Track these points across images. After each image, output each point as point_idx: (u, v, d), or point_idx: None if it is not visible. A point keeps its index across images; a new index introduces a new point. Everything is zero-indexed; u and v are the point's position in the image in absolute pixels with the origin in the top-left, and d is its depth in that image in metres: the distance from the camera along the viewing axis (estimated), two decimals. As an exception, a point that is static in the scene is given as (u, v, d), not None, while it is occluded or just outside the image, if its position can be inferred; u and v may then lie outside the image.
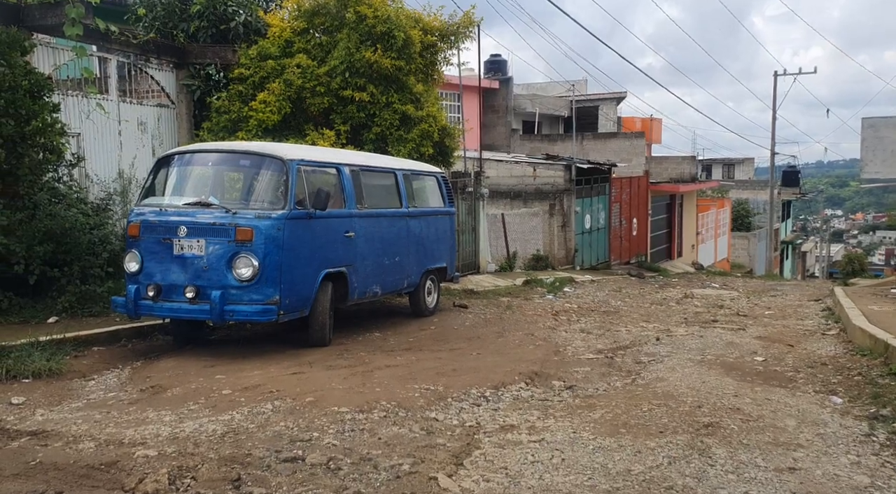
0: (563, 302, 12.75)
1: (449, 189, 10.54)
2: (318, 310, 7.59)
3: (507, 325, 9.50)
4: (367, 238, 8.39)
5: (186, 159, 7.72)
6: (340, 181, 8.08)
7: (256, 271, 6.96)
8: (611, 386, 6.36)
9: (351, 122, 11.81)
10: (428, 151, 11.98)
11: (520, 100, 26.12)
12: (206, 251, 7.02)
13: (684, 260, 27.46)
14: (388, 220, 8.89)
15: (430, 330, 8.99)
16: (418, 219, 9.53)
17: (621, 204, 22.62)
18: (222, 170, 7.71)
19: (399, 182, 9.23)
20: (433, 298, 10.10)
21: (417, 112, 12.00)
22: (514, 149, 24.82)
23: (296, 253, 7.26)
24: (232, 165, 7.73)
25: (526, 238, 19.13)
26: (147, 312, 7.21)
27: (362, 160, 8.80)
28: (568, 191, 20.04)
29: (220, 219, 7.06)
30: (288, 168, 7.29)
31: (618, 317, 10.72)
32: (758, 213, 39.00)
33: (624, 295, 14.89)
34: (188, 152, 7.79)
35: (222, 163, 7.69)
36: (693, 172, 27.84)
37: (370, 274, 8.48)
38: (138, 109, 11.24)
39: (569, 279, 16.90)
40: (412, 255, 9.36)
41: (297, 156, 7.48)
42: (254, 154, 7.58)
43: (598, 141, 25.23)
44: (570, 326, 9.77)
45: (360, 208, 8.31)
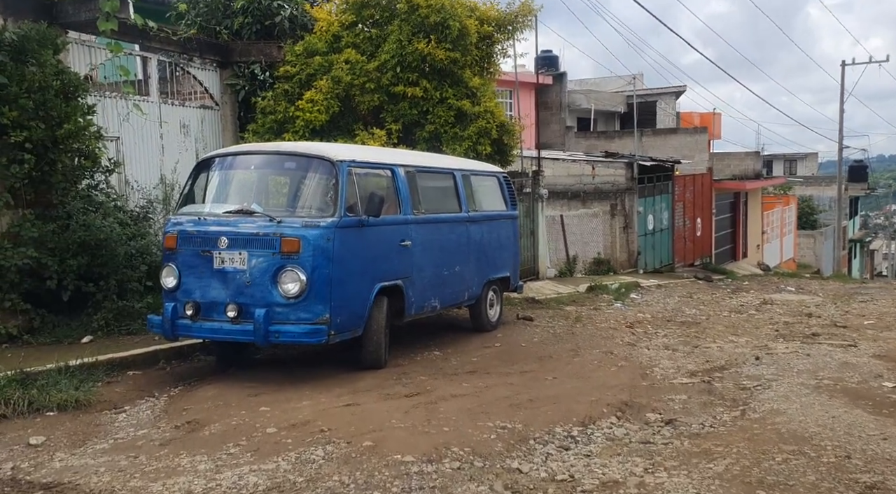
0: (634, 311, 11.70)
1: (511, 190, 9.62)
2: (373, 329, 6.76)
3: (580, 341, 8.53)
4: (424, 246, 7.52)
5: (227, 162, 6.96)
6: (395, 184, 7.23)
7: (304, 286, 6.16)
8: (718, 421, 5.36)
9: (402, 121, 10.98)
10: (485, 150, 11.07)
11: (574, 96, 25.03)
12: (248, 264, 6.25)
13: (749, 261, 25.96)
14: (446, 227, 8.01)
15: (495, 349, 8.08)
16: (479, 224, 8.63)
17: (684, 203, 21.34)
18: (266, 174, 6.94)
19: (458, 184, 8.35)
20: (496, 311, 9.18)
21: (474, 107, 11.10)
22: (569, 148, 23.73)
23: (347, 265, 6.44)
24: (276, 168, 6.95)
25: (585, 240, 18.08)
26: (185, 333, 6.47)
27: (418, 160, 7.94)
28: (630, 191, 18.91)
29: (263, 228, 6.28)
30: (337, 170, 6.47)
31: (700, 330, 9.65)
32: (823, 211, 37.02)
33: (696, 301, 13.77)
34: (229, 155, 7.04)
35: (266, 166, 6.91)
36: (757, 169, 26.31)
37: (428, 287, 7.61)
38: (180, 111, 10.60)
39: (634, 284, 15.81)
40: (473, 264, 8.46)
41: (347, 157, 6.66)
42: (300, 155, 6.78)
43: (657, 137, 23.96)
44: (651, 341, 8.74)
45: (417, 213, 7.46)
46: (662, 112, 26.80)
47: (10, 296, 7.26)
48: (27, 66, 7.46)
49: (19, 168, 7.29)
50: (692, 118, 29.91)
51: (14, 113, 7.21)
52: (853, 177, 37.75)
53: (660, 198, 20.18)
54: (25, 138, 7.27)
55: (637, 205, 19.03)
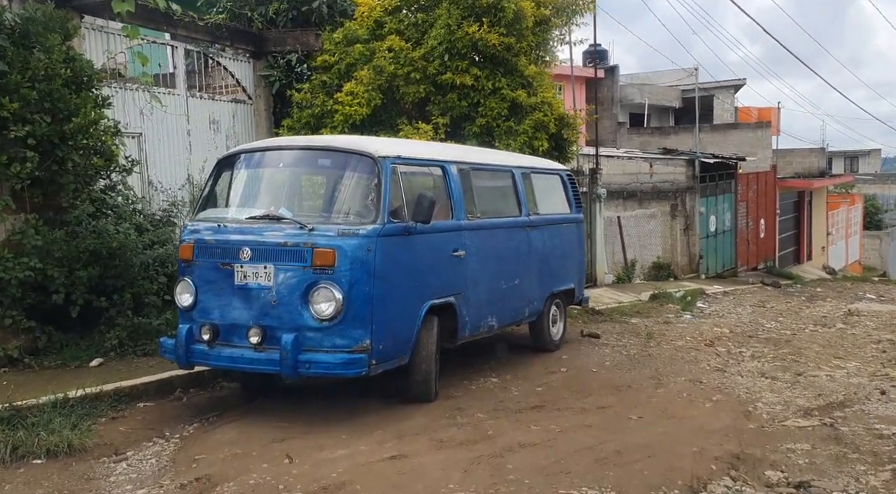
0: (708, 324, 10.40)
1: (576, 190, 8.43)
2: (422, 356, 5.66)
3: (659, 365, 7.31)
4: (479, 256, 6.40)
5: (253, 159, 5.92)
6: (446, 183, 6.12)
7: (340, 307, 5.09)
8: (865, 486, 4.13)
9: (451, 114, 9.86)
10: (542, 146, 9.90)
11: (626, 90, 23.63)
12: (274, 280, 5.20)
13: (814, 265, 24.25)
14: (504, 233, 6.88)
15: (562, 374, 6.92)
16: (541, 229, 7.47)
17: (748, 202, 19.82)
18: (297, 173, 5.89)
19: (517, 183, 7.20)
20: (559, 328, 8.01)
21: (530, 99, 9.94)
22: (621, 144, 22.36)
23: (391, 280, 5.35)
24: (309, 166, 5.88)
25: (642, 243, 16.75)
26: (201, 360, 5.46)
27: (471, 156, 6.81)
28: (691, 190, 17.50)
29: (292, 237, 5.23)
30: (380, 168, 5.39)
31: (794, 350, 8.34)
32: (888, 210, 34.83)
33: (772, 312, 12.40)
34: (255, 151, 6.00)
35: (297, 164, 5.85)
36: (822, 166, 24.57)
37: (484, 303, 6.49)
38: (210, 105, 9.66)
39: (699, 291, 14.46)
40: (534, 276, 7.31)
41: (391, 153, 5.57)
42: (336, 150, 5.70)
43: (715, 133, 22.43)
44: (741, 365, 7.49)
45: (471, 218, 6.34)
46: (720, 107, 25.21)
47: (10, 313, 6.34)
48: (32, 52, 6.55)
49: (21, 167, 6.37)
50: (749, 113, 28.23)
51: (15, 105, 6.30)
52: (920, 175, 35.42)
53: (722, 198, 18.72)
54: (28, 133, 6.35)
55: (699, 205, 17.61)
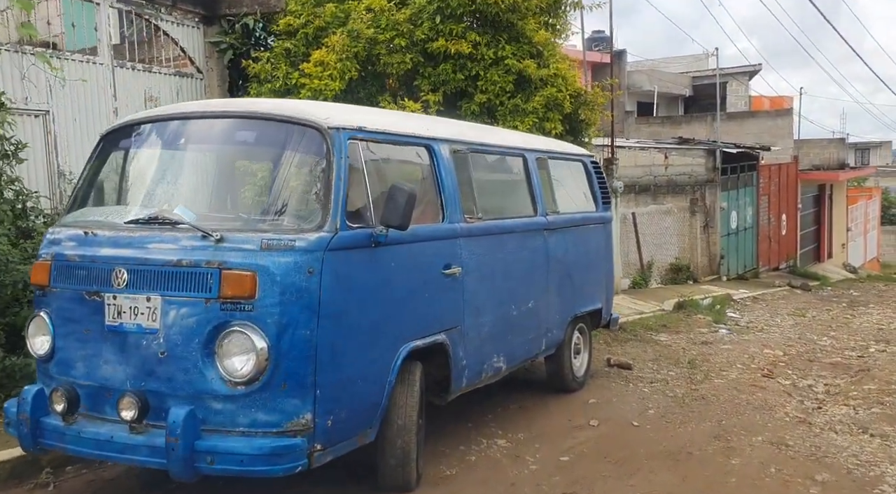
0: (754, 343, 8.50)
1: (603, 181, 6.49)
2: (396, 427, 3.73)
3: (719, 412, 5.39)
4: (482, 274, 4.47)
5: (147, 135, 3.92)
6: (435, 171, 4.18)
7: (264, 362, 3.17)
8: None
9: (444, 89, 7.91)
10: (556, 128, 7.95)
11: (634, 77, 21.66)
12: (162, 320, 3.27)
13: (834, 263, 22.35)
14: (515, 240, 4.93)
15: (593, 432, 4.99)
16: (562, 233, 5.54)
17: (769, 196, 17.89)
18: (208, 154, 3.91)
19: (530, 172, 5.26)
20: (583, 360, 6.08)
21: (540, 71, 7.98)
22: (630, 135, 20.41)
23: (348, 318, 3.42)
24: (225, 143, 3.87)
25: (657, 242, 14.81)
26: (54, 442, 3.49)
27: (470, 134, 4.83)
28: (711, 183, 15.56)
29: (190, 252, 3.29)
30: (331, 145, 3.44)
31: (879, 383, 6.44)
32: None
33: (816, 323, 10.52)
34: (149, 122, 3.95)
35: (208, 140, 3.85)
36: (842, 158, 22.61)
37: (488, 339, 4.56)
38: (145, 79, 7.69)
39: (726, 297, 12.57)
40: (553, 296, 5.38)
41: (349, 123, 3.61)
42: (265, 118, 3.68)
43: (731, 121, 20.47)
44: (825, 409, 5.59)
45: (471, 220, 4.40)
46: (733, 94, 23.25)
47: None
48: None
49: None
50: (762, 103, 26.28)
51: None
52: (934, 167, 33.53)
53: (744, 192, 16.78)
54: None
55: (720, 199, 15.68)
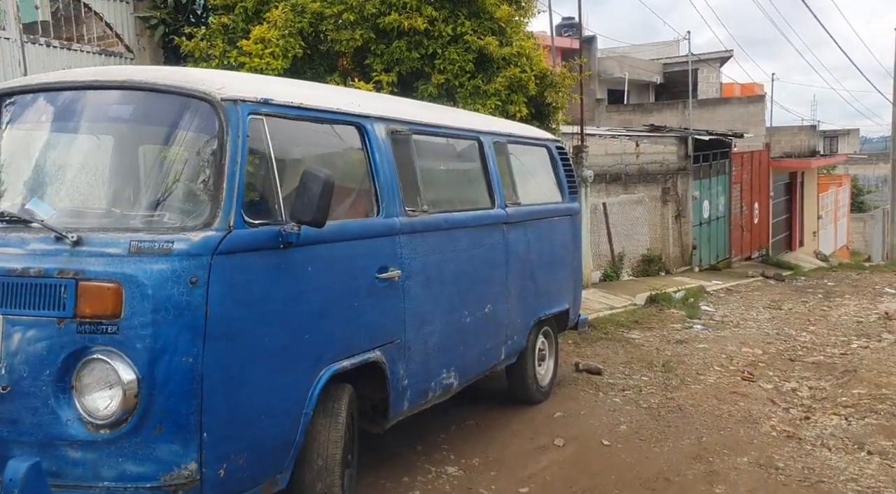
0: (730, 340, 7.94)
1: (570, 168, 5.82)
2: (315, 469, 3.04)
3: (698, 427, 4.77)
4: (427, 276, 3.78)
5: (5, 109, 3.17)
6: (367, 155, 3.47)
7: (133, 399, 2.46)
8: None
9: (398, 69, 7.19)
10: (520, 111, 7.28)
11: (605, 63, 21.04)
12: (4, 346, 2.54)
13: (806, 251, 22.05)
14: (468, 236, 4.24)
15: (558, 454, 4.33)
16: (524, 227, 4.86)
17: (742, 185, 17.44)
18: (74, 133, 3.13)
19: (487, 157, 4.57)
20: (548, 367, 5.43)
21: (502, 49, 7.29)
22: (600, 123, 19.84)
23: (247, 338, 2.71)
24: (95, 119, 3.08)
25: (628, 232, 14.27)
26: None
27: (413, 112, 4.10)
28: (683, 171, 15.02)
29: (39, 258, 2.56)
30: (225, 121, 2.72)
31: (867, 385, 5.89)
32: (870, 191, 32.92)
33: (793, 316, 10.02)
34: (4, 95, 3.21)
35: (74, 117, 3.05)
36: (813, 145, 22.27)
37: (436, 352, 3.87)
38: (64, 57, 6.86)
39: (699, 289, 12.05)
40: (514, 298, 4.71)
41: (250, 94, 2.88)
42: (144, 89, 2.89)
43: (703, 109, 19.97)
44: (815, 420, 5.00)
45: (414, 214, 3.70)
46: (705, 81, 22.77)
47: None
48: None
49: None
50: (733, 90, 25.87)
51: None
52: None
53: (716, 180, 16.29)
54: None
55: (692, 188, 15.15)
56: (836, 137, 34.31)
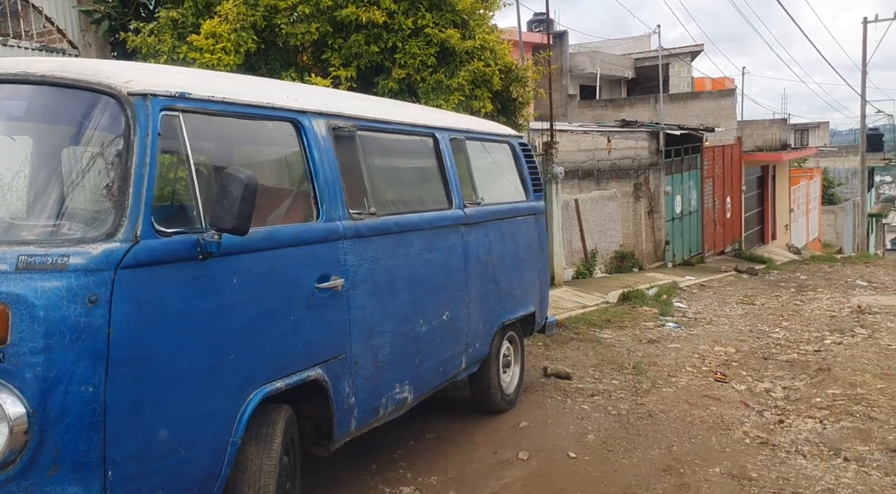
0: (703, 338, 7.76)
1: (534, 166, 5.55)
2: (246, 503, 2.74)
3: (669, 435, 4.54)
4: (376, 284, 3.49)
5: None
6: (305, 154, 3.17)
7: (23, 437, 2.15)
8: None
9: (357, 64, 6.89)
10: (485, 107, 7.02)
11: (576, 59, 20.86)
12: None
13: (778, 244, 22.09)
14: (423, 239, 3.95)
15: (521, 469, 4.07)
16: (484, 228, 4.59)
17: (714, 179, 17.35)
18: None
19: (443, 155, 4.29)
20: (513, 375, 5.17)
21: (465, 42, 7.02)
22: (573, 119, 19.66)
23: (159, 362, 2.41)
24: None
25: (601, 229, 14.10)
26: None
27: (358, 107, 3.80)
28: (655, 167, 14.87)
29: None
30: (132, 117, 2.41)
31: (843, 385, 5.69)
32: (840, 184, 33.18)
33: (766, 311, 9.88)
34: None
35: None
36: (784, 138, 22.29)
37: (388, 365, 3.58)
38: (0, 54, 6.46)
39: (672, 285, 11.90)
40: (475, 304, 4.44)
41: (163, 87, 2.57)
42: (42, 83, 2.56)
43: (675, 103, 19.89)
44: (790, 422, 4.80)
45: (359, 217, 3.41)
46: (676, 76, 22.70)
47: None
48: None
49: None
50: (704, 85, 25.84)
51: None
52: (868, 147, 33.85)
53: (688, 175, 16.17)
54: None
55: (664, 183, 15.01)
56: (807, 130, 34.51)
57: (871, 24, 27.98)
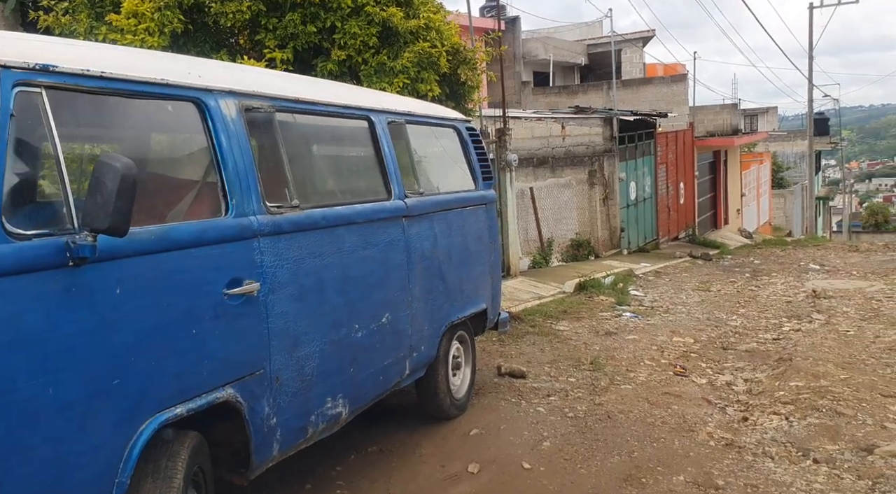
0: (661, 328, 7.51)
1: (483, 152, 5.14)
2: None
3: (629, 439, 4.22)
4: (301, 287, 3.06)
5: None
6: (210, 138, 2.72)
7: None
8: None
9: (293, 45, 6.40)
10: (432, 91, 6.60)
11: (529, 45, 20.53)
12: None
13: (731, 229, 22.22)
14: (357, 234, 3.53)
15: (471, 484, 3.69)
16: (428, 220, 4.18)
17: (667, 165, 17.25)
18: None
19: (380, 140, 3.87)
20: (464, 377, 4.78)
21: (409, 21, 6.58)
22: (527, 106, 19.36)
23: (19, 393, 1.95)
24: None
25: (557, 217, 13.83)
26: None
27: (278, 86, 3.32)
28: (609, 153, 14.64)
29: None
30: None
31: (806, 376, 5.46)
32: (789, 168, 33.68)
33: (723, 299, 9.72)
34: None
35: None
36: (735, 123, 22.35)
37: (317, 378, 3.16)
38: None
39: (628, 273, 11.70)
40: (419, 303, 4.03)
41: (19, 58, 2.09)
42: None
43: (627, 89, 19.73)
44: (755, 419, 4.54)
45: (279, 209, 2.98)
46: (628, 62, 22.56)
47: None
48: None
49: None
50: (656, 71, 25.82)
51: None
52: (815, 131, 34.42)
53: (642, 162, 16.01)
54: None
55: (618, 170, 14.80)
56: (756, 116, 34.92)
57: (817, 10, 28.36)
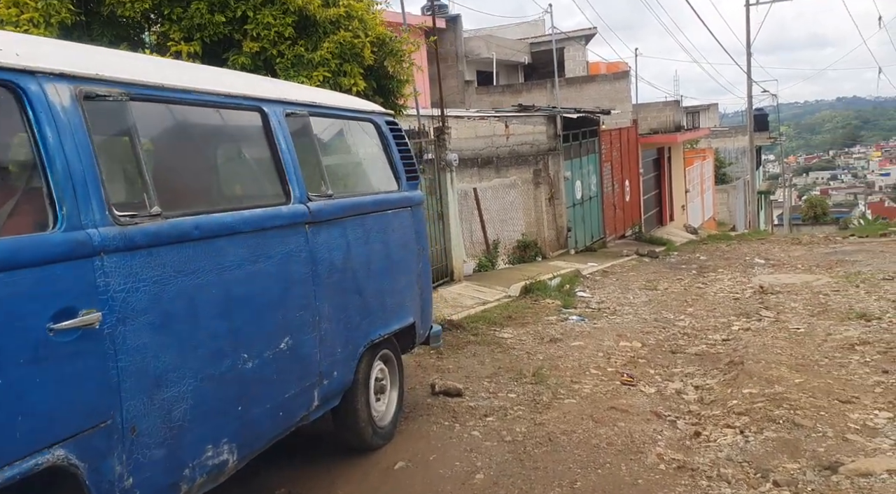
0: (607, 332, 7.11)
1: (406, 148, 4.60)
2: None
3: (568, 465, 3.74)
4: (164, 313, 2.48)
5: None
6: (32, 131, 2.13)
7: None
8: None
9: (201, 36, 5.77)
10: (356, 85, 6.04)
11: (472, 44, 20.10)
12: None
13: (676, 225, 22.20)
14: (244, 244, 2.96)
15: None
16: (339, 226, 3.63)
17: (612, 163, 17.01)
18: None
19: (275, 134, 3.30)
20: (389, 402, 4.24)
21: (327, 10, 6.02)
22: (471, 105, 18.93)
23: None
24: None
25: (503, 218, 13.41)
26: None
27: (134, 69, 2.73)
28: (553, 152, 14.29)
29: None
30: None
31: (761, 383, 5.08)
32: (731, 163, 34.09)
33: (670, 298, 9.40)
34: None
35: None
36: (678, 120, 22.36)
37: (192, 422, 2.59)
38: None
39: (575, 274, 11.32)
40: (330, 322, 3.48)
41: None
42: None
43: (571, 87, 19.47)
44: (710, 435, 4.12)
45: (133, 219, 2.39)
46: (571, 60, 22.35)
47: None
48: None
49: None
50: (599, 69, 25.71)
51: None
52: (755, 126, 34.94)
53: (587, 160, 15.72)
54: None
55: (563, 168, 14.46)
56: (698, 113, 35.23)
57: (753, 7, 28.69)
